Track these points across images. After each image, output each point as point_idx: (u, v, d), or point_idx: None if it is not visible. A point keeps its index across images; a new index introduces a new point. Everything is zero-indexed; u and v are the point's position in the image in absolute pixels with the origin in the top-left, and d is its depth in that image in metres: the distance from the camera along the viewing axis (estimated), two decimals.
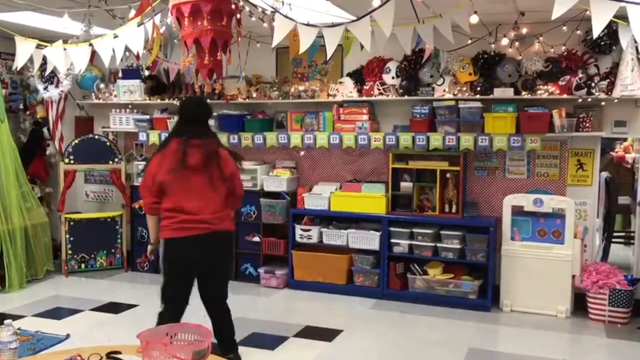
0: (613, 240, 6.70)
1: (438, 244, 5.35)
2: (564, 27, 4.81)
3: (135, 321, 4.98)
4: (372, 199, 5.56)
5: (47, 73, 4.41)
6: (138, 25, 3.51)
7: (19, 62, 3.97)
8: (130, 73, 6.41)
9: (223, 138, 6.03)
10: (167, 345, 2.21)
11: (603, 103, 5.08)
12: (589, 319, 4.99)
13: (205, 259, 3.64)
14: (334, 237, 5.68)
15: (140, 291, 5.85)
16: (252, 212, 6.03)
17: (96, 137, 6.52)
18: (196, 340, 2.29)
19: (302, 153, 6.05)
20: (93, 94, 6.63)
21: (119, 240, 6.50)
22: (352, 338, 4.59)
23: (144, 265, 6.46)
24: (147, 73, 6.37)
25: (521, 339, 4.62)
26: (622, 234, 7.29)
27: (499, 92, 5.18)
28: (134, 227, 6.49)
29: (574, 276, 5.05)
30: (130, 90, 6.40)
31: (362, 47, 3.46)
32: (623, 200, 6.85)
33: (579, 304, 5.10)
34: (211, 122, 3.87)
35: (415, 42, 4.01)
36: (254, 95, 5.98)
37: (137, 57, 3.99)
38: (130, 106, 6.55)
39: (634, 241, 5.42)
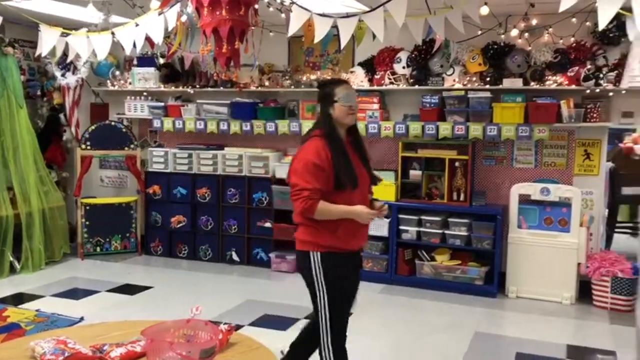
0: (620, 230, 6.78)
1: (446, 231, 5.46)
2: (573, 19, 4.87)
3: (149, 302, 5.15)
4: (381, 187, 5.64)
5: (68, 60, 4.51)
6: (159, 15, 3.62)
7: (44, 50, 4.08)
8: (145, 61, 6.53)
9: (236, 125, 6.16)
10: (172, 343, 2.18)
11: (611, 94, 5.14)
12: (593, 305, 5.09)
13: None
14: None
15: (154, 274, 6.01)
16: (263, 199, 6.15)
17: (112, 123, 6.65)
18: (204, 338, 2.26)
19: None
20: (108, 81, 6.76)
21: (133, 225, 6.65)
22: (361, 321, 4.69)
23: (158, 250, 6.61)
24: (162, 61, 6.48)
25: (526, 324, 4.74)
26: (630, 224, 7.34)
27: (508, 83, 5.26)
28: (148, 212, 6.63)
29: (579, 264, 5.15)
30: (145, 78, 6.53)
31: (374, 37, 3.56)
32: (630, 191, 6.90)
33: (584, 291, 5.20)
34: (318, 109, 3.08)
35: (426, 33, 4.09)
36: (267, 83, 6.09)
37: (152, 45, 4.07)
38: (145, 93, 6.68)
39: (638, 231, 5.50)
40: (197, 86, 6.36)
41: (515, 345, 4.26)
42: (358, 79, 5.71)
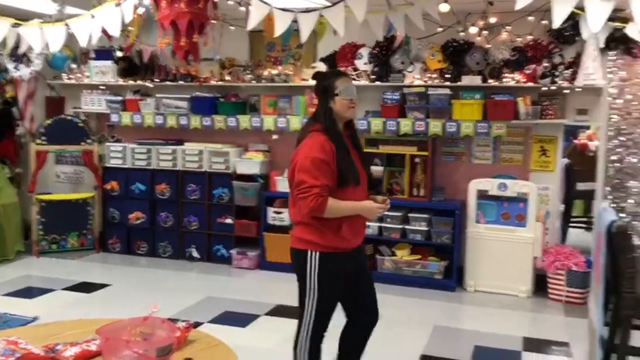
0: (574, 224, 6.96)
1: (406, 226, 5.51)
2: (530, 17, 4.96)
3: (107, 300, 5.06)
4: None
5: (20, 52, 4.36)
6: (116, 6, 3.54)
7: None
8: (103, 54, 6.38)
9: (196, 120, 6.08)
10: (129, 342, 2.13)
11: (566, 91, 5.27)
12: (548, 298, 5.22)
13: None
14: None
15: (112, 271, 5.90)
16: (224, 195, 6.09)
17: (68, 117, 6.49)
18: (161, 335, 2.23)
19: (275, 137, 6.12)
20: (64, 74, 6.58)
21: (90, 222, 6.50)
22: None
23: (116, 247, 6.49)
24: (120, 54, 6.34)
25: (484, 317, 4.83)
26: (584, 219, 7.55)
27: (467, 80, 5.33)
28: (106, 208, 6.50)
29: (535, 258, 5.27)
30: (103, 71, 6.39)
31: (335, 32, 3.56)
32: (585, 186, 7.08)
33: (540, 284, 5.32)
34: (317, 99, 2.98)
35: (387, 29, 4.11)
36: (227, 78, 6.03)
37: (109, 37, 3.98)
38: (102, 87, 6.53)
39: (593, 226, 5.65)
40: (156, 80, 6.25)
41: (474, 338, 4.34)
42: None
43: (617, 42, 4.87)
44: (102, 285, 5.37)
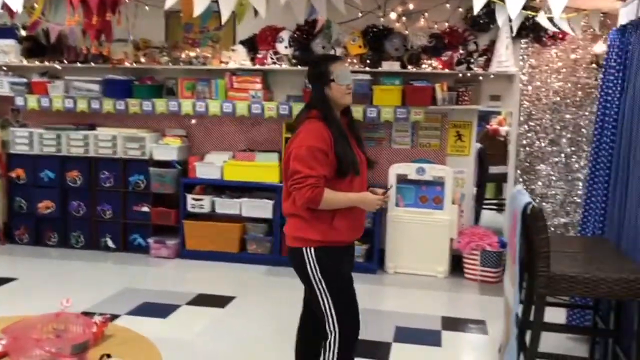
0: (486, 206, 7.26)
1: None
2: (447, 5, 5.08)
3: (13, 296, 4.76)
4: (265, 168, 5.62)
5: None
6: None
7: None
8: (5, 32, 5.94)
9: (109, 104, 5.81)
10: (40, 340, 2.03)
11: (481, 78, 5.44)
12: (464, 278, 5.41)
13: None
14: (226, 206, 5.69)
15: (19, 264, 5.57)
16: (140, 182, 5.87)
17: None
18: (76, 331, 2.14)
19: (193, 121, 5.95)
20: None
21: None
22: (244, 304, 4.67)
23: (23, 238, 6.12)
24: (24, 33, 5.94)
25: (404, 298, 4.94)
26: (495, 201, 7.90)
27: (386, 66, 5.39)
28: (11, 197, 6.10)
29: (451, 239, 5.44)
30: (5, 51, 5.95)
31: (256, 13, 3.47)
32: (496, 169, 7.40)
33: (456, 265, 5.50)
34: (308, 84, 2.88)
35: (309, 12, 4.06)
36: (142, 60, 5.78)
37: (12, 15, 3.70)
38: (4, 68, 6.10)
39: (506, 207, 5.90)
40: (65, 61, 5.90)
41: (395, 319, 4.42)
42: (240, 57, 5.58)
43: (528, 30, 5.08)
44: (7, 280, 5.04)
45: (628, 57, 3.54)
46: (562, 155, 5.43)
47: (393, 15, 5.18)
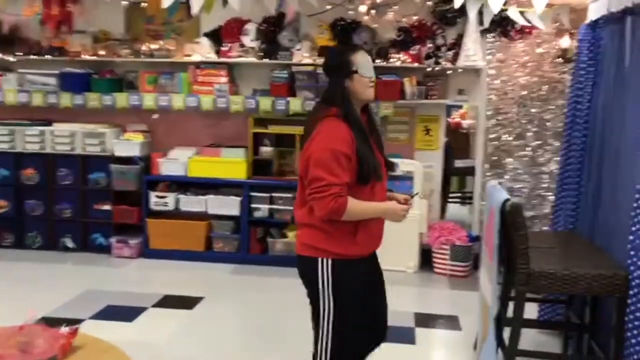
0: (451, 200, 7.29)
1: None
2: None
3: None
4: (232, 164, 5.48)
5: None
6: None
7: None
8: None
9: (66, 99, 5.56)
10: (1, 357, 1.91)
11: (449, 72, 5.42)
12: (434, 273, 5.40)
13: None
14: (192, 203, 5.54)
15: None
16: (101, 179, 5.66)
17: None
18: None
19: (155, 116, 5.75)
20: None
21: None
22: (212, 304, 4.54)
23: None
24: None
25: None
26: (459, 194, 7.95)
27: None
28: None
29: (421, 234, 5.42)
30: None
31: (225, 3, 3.34)
32: (461, 163, 7.44)
33: (426, 259, 5.49)
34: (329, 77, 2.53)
35: (278, 4, 3.95)
36: (102, 52, 5.55)
37: None
38: None
39: (470, 201, 5.93)
40: (19, 53, 5.60)
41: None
42: (204, 50, 5.41)
43: (495, 24, 5.08)
44: None
45: (600, 52, 3.55)
46: (528, 149, 5.47)
47: (362, 8, 5.10)
